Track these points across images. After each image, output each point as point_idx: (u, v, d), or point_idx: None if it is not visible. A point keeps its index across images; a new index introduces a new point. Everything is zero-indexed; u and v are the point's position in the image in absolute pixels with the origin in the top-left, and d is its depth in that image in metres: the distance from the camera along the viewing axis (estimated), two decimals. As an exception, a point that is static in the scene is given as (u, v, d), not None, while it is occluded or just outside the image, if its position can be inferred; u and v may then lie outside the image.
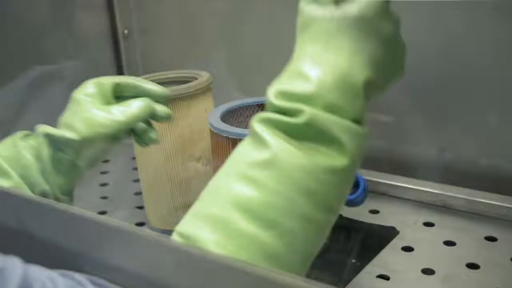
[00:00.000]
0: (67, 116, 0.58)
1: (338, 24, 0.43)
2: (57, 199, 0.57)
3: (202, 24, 1.03)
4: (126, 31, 1.11)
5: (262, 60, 0.95)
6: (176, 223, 0.86)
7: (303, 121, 0.41)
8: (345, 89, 0.42)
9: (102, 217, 0.37)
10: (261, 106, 0.70)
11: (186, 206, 0.79)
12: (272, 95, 0.43)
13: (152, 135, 0.62)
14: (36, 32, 0.96)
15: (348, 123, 0.42)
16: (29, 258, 0.40)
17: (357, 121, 0.43)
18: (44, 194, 0.56)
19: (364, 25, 0.43)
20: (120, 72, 1.13)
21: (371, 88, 0.44)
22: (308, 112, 0.41)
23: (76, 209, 0.38)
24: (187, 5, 1.05)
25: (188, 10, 1.05)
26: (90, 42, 1.06)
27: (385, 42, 0.45)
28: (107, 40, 1.10)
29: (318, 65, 0.42)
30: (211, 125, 0.66)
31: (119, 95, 0.60)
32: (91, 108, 0.57)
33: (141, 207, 0.88)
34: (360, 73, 0.43)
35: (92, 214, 0.37)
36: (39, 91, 0.95)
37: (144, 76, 0.79)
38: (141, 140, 0.62)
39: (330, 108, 0.41)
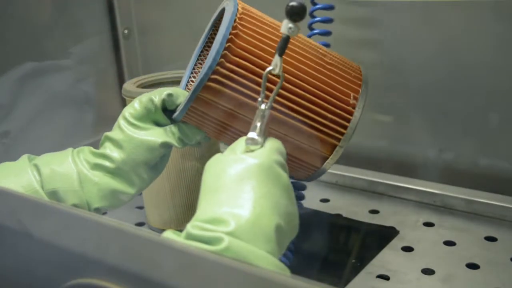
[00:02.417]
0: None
1: (248, 170, 0.44)
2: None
3: (202, 24, 1.03)
4: (126, 31, 1.11)
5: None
6: (176, 223, 0.86)
7: (223, 247, 0.40)
8: (258, 232, 0.42)
9: (102, 217, 0.37)
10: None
11: (186, 206, 0.79)
12: (190, 227, 0.43)
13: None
14: (36, 32, 0.96)
15: (265, 254, 0.42)
16: (29, 258, 0.40)
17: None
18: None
19: (269, 172, 0.45)
20: (120, 72, 1.12)
21: (281, 235, 0.44)
22: (228, 240, 0.41)
23: (76, 209, 0.38)
24: (187, 5, 1.05)
25: (188, 10, 1.05)
26: (90, 42, 1.06)
27: (287, 191, 0.46)
28: (107, 40, 1.10)
29: (225, 213, 0.43)
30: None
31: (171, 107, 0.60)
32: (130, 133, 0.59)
33: (141, 207, 0.88)
34: (271, 218, 0.43)
35: (92, 214, 0.37)
36: (37, 83, 0.94)
37: (144, 76, 0.79)
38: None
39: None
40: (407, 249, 0.72)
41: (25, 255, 0.40)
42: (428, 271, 0.67)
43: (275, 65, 0.49)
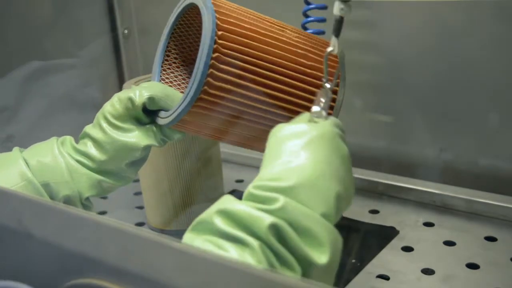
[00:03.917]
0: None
1: (312, 138, 0.45)
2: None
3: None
4: (126, 31, 1.11)
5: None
6: (176, 223, 0.86)
7: (277, 207, 0.41)
8: (318, 193, 0.43)
9: (102, 217, 0.37)
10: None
11: (186, 206, 0.79)
12: (251, 187, 0.43)
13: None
14: (36, 31, 0.96)
15: (321, 218, 0.42)
16: (29, 258, 0.40)
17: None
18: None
19: (331, 142, 0.46)
20: (120, 72, 1.13)
21: (339, 202, 0.45)
22: (283, 200, 0.41)
23: (76, 209, 0.38)
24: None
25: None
26: (90, 42, 1.06)
27: (347, 162, 0.48)
28: (107, 40, 1.10)
29: (289, 169, 0.44)
30: None
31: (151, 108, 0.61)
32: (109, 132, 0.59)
33: (141, 207, 0.88)
34: (332, 183, 0.44)
35: (92, 214, 0.37)
36: (39, 84, 0.95)
37: (144, 76, 0.79)
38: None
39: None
40: (407, 249, 0.72)
41: (25, 255, 0.40)
42: (428, 271, 0.67)
43: (334, 45, 0.52)
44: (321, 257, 0.41)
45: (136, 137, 0.59)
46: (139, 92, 0.59)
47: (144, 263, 0.34)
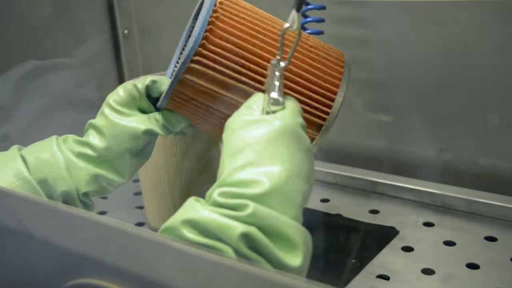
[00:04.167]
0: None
1: (274, 132, 0.43)
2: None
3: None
4: (126, 31, 1.11)
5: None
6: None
7: (247, 213, 0.40)
8: (286, 197, 0.42)
9: (102, 217, 0.37)
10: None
11: (186, 206, 0.79)
12: (216, 194, 0.42)
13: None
14: (36, 31, 0.96)
15: (293, 222, 0.41)
16: (29, 258, 0.40)
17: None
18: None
19: (294, 135, 0.44)
20: (120, 72, 1.13)
21: (304, 201, 0.44)
22: (252, 206, 0.40)
23: (76, 209, 0.38)
24: (187, 5, 1.05)
25: (188, 10, 1.05)
26: (90, 42, 1.06)
27: (309, 154, 0.45)
28: (107, 40, 1.10)
29: (256, 173, 0.42)
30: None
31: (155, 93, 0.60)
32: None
33: (141, 207, 0.88)
34: (296, 182, 0.43)
35: (92, 214, 0.37)
36: (37, 83, 0.95)
37: (144, 77, 0.79)
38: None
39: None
40: (407, 249, 0.72)
41: (25, 255, 0.40)
42: (428, 271, 0.67)
43: (292, 21, 0.47)
44: (295, 260, 0.40)
45: (137, 121, 0.58)
46: (143, 77, 0.59)
47: (144, 263, 0.34)
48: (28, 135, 0.91)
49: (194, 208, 0.41)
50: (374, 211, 0.82)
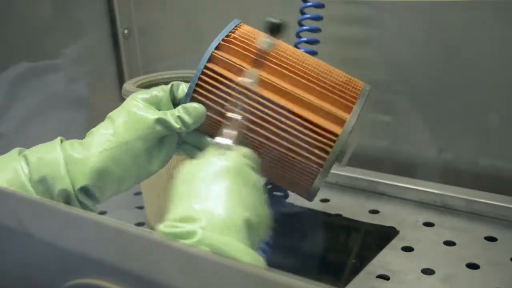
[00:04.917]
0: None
1: (218, 171, 0.47)
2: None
3: (202, 23, 1.03)
4: (126, 31, 1.11)
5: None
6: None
7: (196, 240, 0.41)
8: (229, 226, 0.44)
9: (102, 217, 0.37)
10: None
11: (186, 206, 0.79)
12: (162, 226, 0.44)
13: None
14: (35, 31, 0.96)
15: (241, 245, 0.43)
16: (29, 258, 0.40)
17: None
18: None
19: (238, 173, 0.47)
20: (120, 72, 1.13)
21: (251, 230, 0.45)
22: (201, 232, 0.42)
23: (76, 209, 0.38)
24: (187, 5, 1.05)
25: (188, 10, 1.05)
26: (90, 42, 1.06)
27: (256, 191, 0.48)
28: (107, 40, 1.10)
29: (203, 206, 0.45)
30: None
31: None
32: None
33: (141, 207, 0.88)
34: (241, 212, 0.45)
35: (92, 214, 0.37)
36: (35, 83, 0.94)
37: (144, 76, 0.79)
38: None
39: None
40: (407, 249, 0.72)
41: (25, 255, 0.40)
42: (428, 271, 0.67)
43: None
44: None
45: (149, 112, 0.56)
46: (181, 88, 0.60)
47: (144, 263, 0.34)
48: (23, 134, 0.91)
49: None
50: (374, 211, 0.82)
